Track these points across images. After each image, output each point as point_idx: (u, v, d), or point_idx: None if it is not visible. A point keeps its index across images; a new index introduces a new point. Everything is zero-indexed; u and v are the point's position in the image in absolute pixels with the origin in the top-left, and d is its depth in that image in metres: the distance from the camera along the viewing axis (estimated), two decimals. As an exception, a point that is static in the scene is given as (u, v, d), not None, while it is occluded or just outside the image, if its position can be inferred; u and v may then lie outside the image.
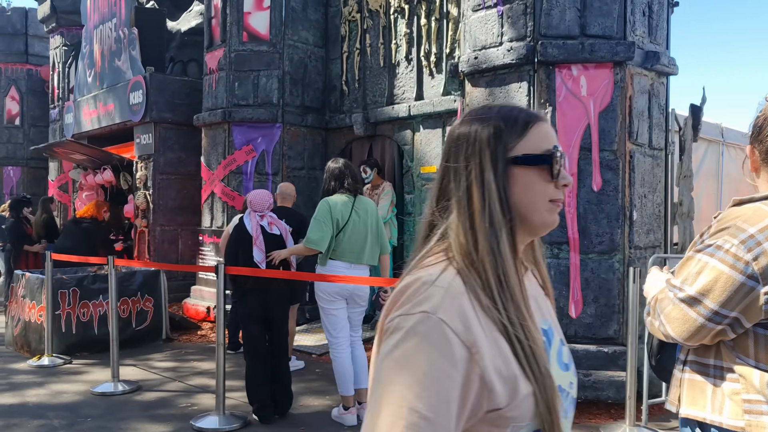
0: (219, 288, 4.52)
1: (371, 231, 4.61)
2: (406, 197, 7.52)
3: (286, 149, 8.20)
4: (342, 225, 4.49)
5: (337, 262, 4.56)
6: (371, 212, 4.65)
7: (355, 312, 4.75)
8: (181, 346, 7.30)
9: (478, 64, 5.17)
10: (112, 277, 5.49)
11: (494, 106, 1.16)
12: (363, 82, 8.11)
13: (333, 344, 4.61)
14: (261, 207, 4.88)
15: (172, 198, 9.36)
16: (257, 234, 4.78)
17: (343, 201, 4.54)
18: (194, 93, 9.45)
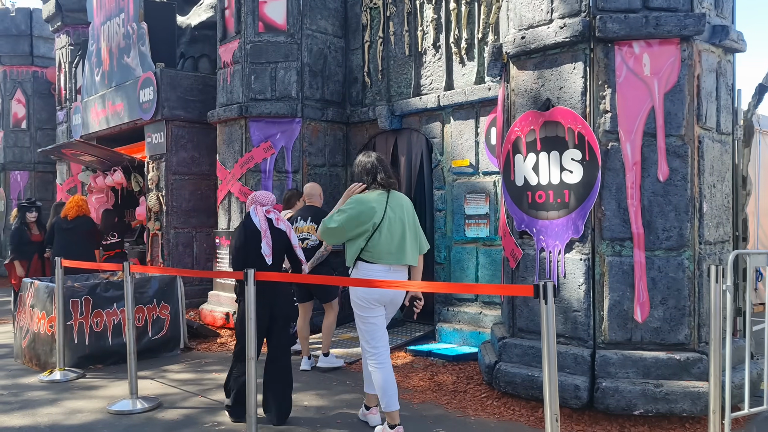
0: (249, 296, 4.07)
1: (409, 228, 4.21)
2: (436, 193, 7.06)
3: (306, 145, 7.75)
4: (378, 224, 4.09)
5: (374, 266, 4.15)
6: (407, 207, 4.27)
7: (387, 319, 4.37)
8: (199, 355, 6.86)
9: (526, 45, 4.70)
10: (129, 285, 5.06)
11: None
12: (387, 73, 7.66)
13: (372, 355, 4.19)
14: (266, 200, 4.74)
15: (186, 199, 8.93)
16: (266, 227, 4.61)
17: (375, 197, 4.17)
18: (207, 89, 9.03)
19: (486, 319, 6.44)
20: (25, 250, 8.44)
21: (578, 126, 4.46)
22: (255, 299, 4.08)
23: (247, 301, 4.09)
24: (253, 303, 4.09)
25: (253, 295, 4.07)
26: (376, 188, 4.24)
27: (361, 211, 4.09)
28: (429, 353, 6.23)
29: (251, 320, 4.04)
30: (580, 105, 4.46)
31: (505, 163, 4.96)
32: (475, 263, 6.64)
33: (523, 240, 4.84)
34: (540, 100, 4.70)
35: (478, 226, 6.60)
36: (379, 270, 4.13)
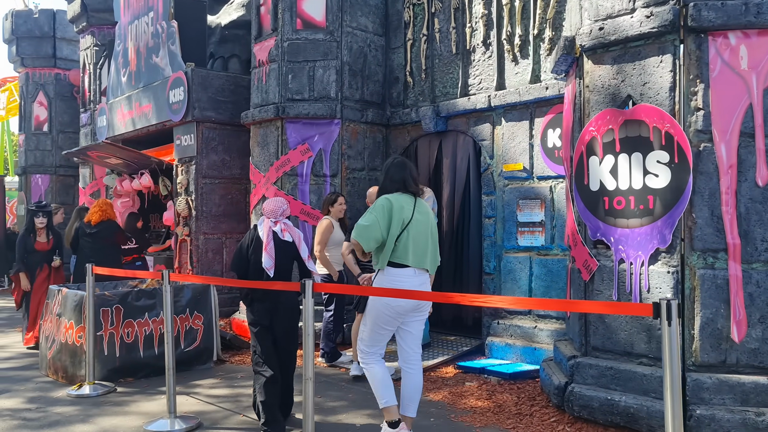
0: (307, 309, 3.69)
1: (432, 236, 4.17)
2: (484, 199, 6.66)
3: (345, 148, 7.38)
4: (406, 223, 4.02)
5: (400, 270, 4.01)
6: (431, 217, 4.23)
7: (417, 321, 4.17)
8: (234, 369, 6.49)
9: (604, 37, 4.30)
10: (168, 295, 4.69)
11: None
12: (431, 72, 7.28)
13: (368, 355, 4.17)
14: (273, 214, 4.64)
15: (216, 204, 8.58)
16: (268, 239, 4.52)
17: (405, 198, 4.11)
18: (239, 90, 8.70)
19: (541, 334, 6.02)
20: (28, 261, 7.71)
21: (665, 125, 4.05)
22: (313, 313, 3.70)
23: (306, 314, 3.71)
24: (311, 317, 3.71)
25: (312, 309, 3.68)
26: (405, 193, 4.14)
27: (392, 207, 4.02)
28: (482, 370, 5.82)
29: (308, 336, 3.65)
30: (667, 102, 4.05)
31: (577, 165, 4.56)
32: (528, 274, 6.23)
33: (598, 250, 4.43)
34: (619, 97, 4.29)
35: (532, 234, 6.19)
36: (405, 274, 4.00)
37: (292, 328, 4.68)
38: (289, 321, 4.64)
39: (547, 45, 6.10)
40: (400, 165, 4.22)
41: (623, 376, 4.17)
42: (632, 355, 4.23)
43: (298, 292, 3.97)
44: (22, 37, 14.98)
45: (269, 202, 4.75)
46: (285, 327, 4.61)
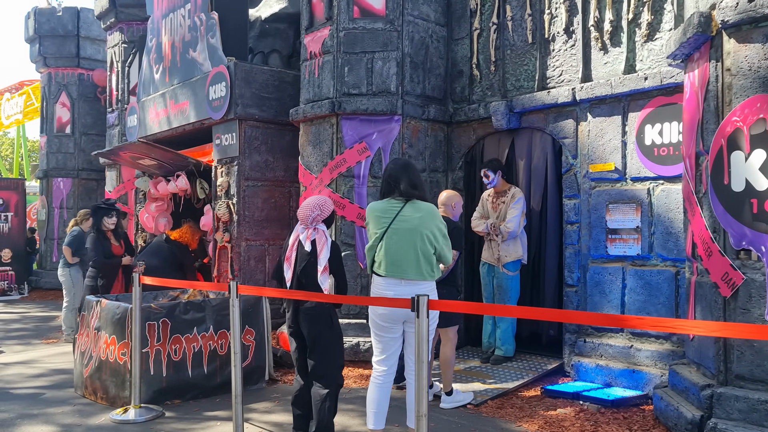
0: (421, 331, 3.05)
1: (421, 242, 3.98)
2: (566, 203, 6.01)
3: (406, 147, 6.75)
4: (382, 233, 4.02)
5: (382, 279, 4.04)
6: (422, 223, 4.00)
7: (412, 333, 4.03)
8: (288, 390, 5.83)
9: (756, 10, 3.66)
10: (236, 310, 4.06)
11: None
12: (501, 65, 6.65)
13: (378, 372, 4.12)
14: (304, 220, 4.24)
15: (259, 208, 7.98)
16: (291, 249, 4.25)
17: (384, 207, 4.10)
18: (283, 86, 8.11)
19: (640, 355, 5.35)
20: (110, 267, 7.27)
21: (839, 113, 3.39)
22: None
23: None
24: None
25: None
26: (395, 197, 4.09)
27: (369, 221, 4.15)
28: (576, 395, 5.15)
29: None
30: (841, 85, 3.40)
31: (714, 162, 3.91)
32: (620, 286, 5.56)
33: (743, 261, 3.77)
34: (773, 80, 3.64)
35: (626, 242, 5.54)
36: (386, 285, 4.00)
37: (321, 339, 4.19)
38: (311, 328, 4.18)
39: (645, 31, 5.46)
40: (397, 168, 4.15)
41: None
42: (791, 387, 3.57)
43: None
44: (45, 36, 14.50)
45: (303, 204, 4.31)
46: (314, 336, 4.18)
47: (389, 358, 4.12)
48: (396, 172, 4.12)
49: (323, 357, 4.18)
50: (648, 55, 5.47)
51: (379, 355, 4.13)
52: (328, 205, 4.24)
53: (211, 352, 5.68)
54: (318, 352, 4.17)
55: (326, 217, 4.24)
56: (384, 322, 4.04)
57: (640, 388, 5.20)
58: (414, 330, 3.86)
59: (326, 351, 4.18)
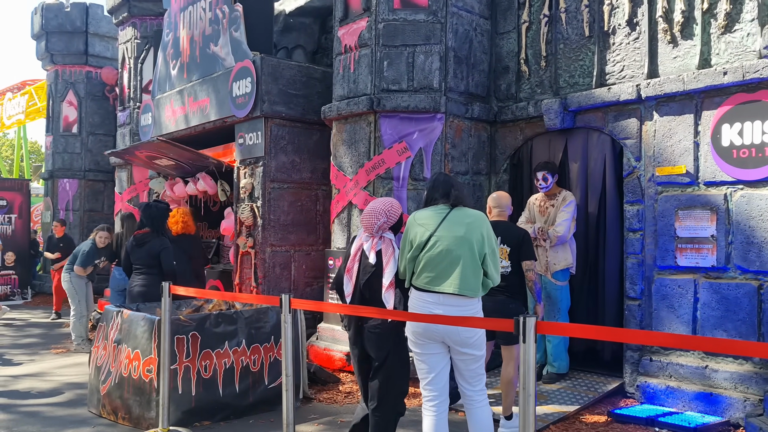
0: (529, 355, 2.58)
1: (469, 253, 3.49)
2: (628, 209, 5.54)
3: (449, 148, 6.29)
4: (424, 242, 3.55)
5: (423, 294, 3.55)
6: (475, 228, 3.54)
7: (462, 360, 3.59)
8: (327, 410, 5.37)
9: None
10: (288, 327, 3.58)
11: None
12: (553, 60, 6.19)
13: (426, 399, 3.66)
14: (369, 227, 3.77)
15: (285, 211, 7.50)
16: (353, 260, 3.81)
17: (428, 214, 3.66)
18: (311, 82, 7.65)
19: (716, 376, 4.87)
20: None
21: None
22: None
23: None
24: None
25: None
26: (439, 203, 3.69)
27: (409, 228, 3.68)
28: (650, 421, 4.67)
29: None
30: None
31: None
32: (692, 300, 5.10)
33: None
34: None
35: (698, 252, 5.07)
36: (422, 298, 3.54)
37: (386, 360, 3.74)
38: (380, 349, 3.72)
39: (722, 21, 5.00)
40: (444, 177, 3.79)
41: None
42: None
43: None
44: (53, 32, 14.05)
45: (368, 209, 3.82)
46: (379, 357, 3.74)
47: (438, 378, 3.62)
48: (442, 180, 3.77)
49: (386, 381, 3.71)
50: (725, 48, 5.02)
51: (426, 376, 3.63)
52: (396, 209, 3.78)
53: (243, 369, 5.21)
54: (381, 375, 3.71)
55: (394, 224, 3.78)
56: (419, 339, 3.57)
57: (719, 414, 4.73)
58: (463, 355, 3.50)
59: (390, 374, 3.71)
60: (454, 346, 3.51)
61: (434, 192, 3.69)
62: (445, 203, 3.64)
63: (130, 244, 6.25)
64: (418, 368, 3.65)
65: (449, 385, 5.11)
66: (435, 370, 3.58)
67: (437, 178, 3.76)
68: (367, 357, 3.83)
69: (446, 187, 3.65)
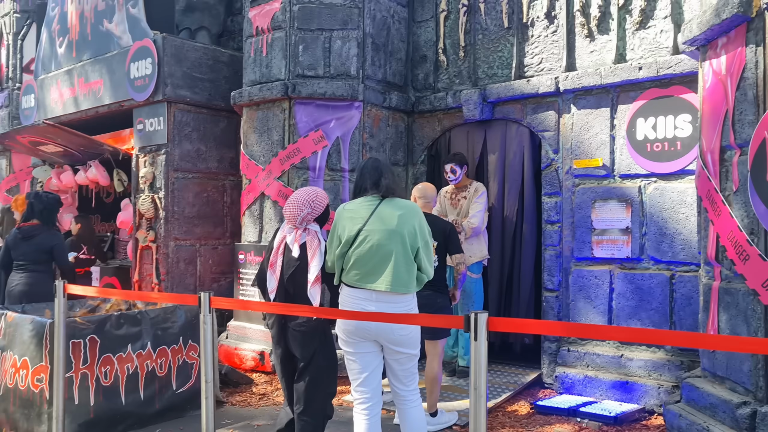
0: (479, 355, 2.43)
1: (401, 245, 3.27)
2: (546, 201, 5.58)
3: (366, 137, 6.10)
4: (353, 237, 3.31)
5: (349, 289, 3.35)
6: (407, 219, 3.32)
7: (396, 359, 3.39)
8: (241, 414, 5.04)
9: (810, -11, 3.32)
10: (209, 327, 3.25)
11: None
12: (472, 50, 6.14)
13: (357, 401, 3.41)
14: (292, 219, 3.54)
15: (190, 203, 7.03)
16: (276, 254, 3.55)
17: (357, 206, 3.40)
18: (218, 66, 7.22)
19: (632, 364, 4.99)
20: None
21: None
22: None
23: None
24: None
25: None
26: (372, 194, 3.42)
27: (335, 226, 3.42)
28: (573, 412, 4.70)
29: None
30: None
31: (755, 157, 3.55)
32: (607, 291, 5.20)
33: (789, 266, 3.43)
34: (826, 68, 3.32)
35: (614, 244, 5.17)
36: (354, 296, 3.31)
37: (310, 358, 3.53)
38: (305, 348, 3.51)
39: (637, 18, 5.11)
40: (374, 163, 3.51)
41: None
42: None
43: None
44: None
45: (290, 199, 3.59)
46: (305, 356, 3.52)
47: (371, 379, 3.39)
48: (372, 168, 3.49)
49: (313, 382, 3.47)
50: (640, 44, 5.13)
51: (358, 377, 3.39)
52: (321, 199, 3.53)
53: (149, 374, 4.78)
54: (307, 376, 3.46)
55: (319, 215, 3.53)
56: (350, 338, 3.34)
57: (635, 401, 4.84)
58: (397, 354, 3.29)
59: (317, 375, 3.47)
60: (387, 345, 3.31)
61: (363, 181, 3.43)
62: (375, 194, 3.38)
63: (13, 238, 5.60)
64: (350, 368, 3.41)
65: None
66: (368, 369, 3.36)
67: (366, 165, 3.49)
68: (292, 357, 3.57)
69: (375, 176, 3.39)
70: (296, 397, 3.50)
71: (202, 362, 3.25)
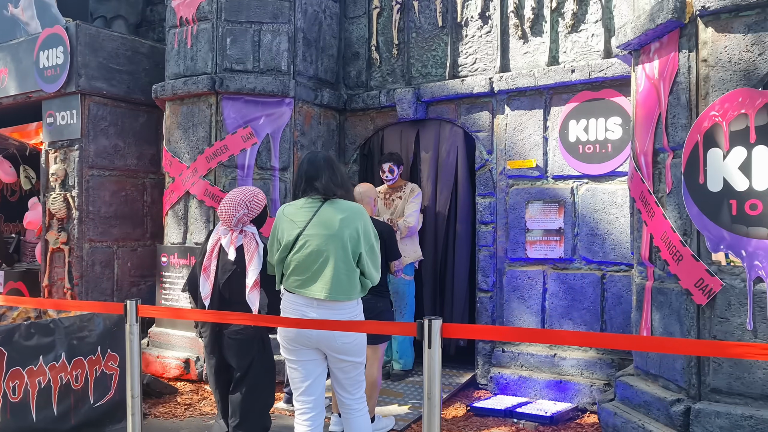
0: (433, 364, 2.33)
1: (341, 250, 3.12)
2: (480, 201, 5.58)
3: (298, 135, 5.90)
4: (292, 242, 3.13)
5: (289, 295, 3.18)
6: (351, 222, 3.17)
7: (340, 368, 3.24)
8: (166, 426, 4.75)
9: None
10: (135, 338, 2.99)
11: None
12: (406, 48, 6.06)
13: (300, 411, 3.24)
14: (227, 220, 3.32)
15: (107, 202, 6.61)
16: (210, 258, 3.38)
17: (297, 209, 3.21)
18: (137, 57, 6.83)
19: (564, 363, 5.05)
20: None
21: (828, 111, 3.24)
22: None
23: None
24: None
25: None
26: (312, 195, 3.22)
27: (275, 229, 3.22)
28: (509, 413, 4.70)
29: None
30: (830, 82, 3.26)
31: (688, 160, 3.63)
32: (541, 291, 5.24)
33: (720, 267, 3.52)
34: (755, 74, 3.43)
35: (547, 244, 5.22)
36: (297, 303, 3.13)
37: (247, 368, 3.39)
38: (241, 358, 3.36)
39: (570, 21, 5.17)
40: (317, 160, 3.30)
41: (770, 427, 3.29)
42: (773, 399, 3.37)
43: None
44: None
45: (226, 199, 3.43)
46: (241, 367, 3.38)
47: (313, 388, 3.23)
48: (314, 165, 3.27)
49: (250, 393, 3.28)
50: (572, 47, 5.20)
51: (300, 386, 3.22)
52: (258, 199, 3.34)
53: (63, 387, 4.41)
54: (244, 387, 3.26)
55: (256, 216, 3.33)
56: (291, 345, 3.17)
57: (569, 400, 4.90)
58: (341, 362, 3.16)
59: (254, 385, 3.28)
60: (330, 353, 3.15)
61: (300, 180, 3.24)
62: (315, 194, 3.20)
63: None
64: (291, 377, 3.23)
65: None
66: (310, 377, 3.19)
67: (303, 162, 3.28)
68: (227, 367, 3.36)
69: (316, 174, 3.18)
70: (232, 409, 3.30)
71: (128, 375, 3.00)
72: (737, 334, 3.47)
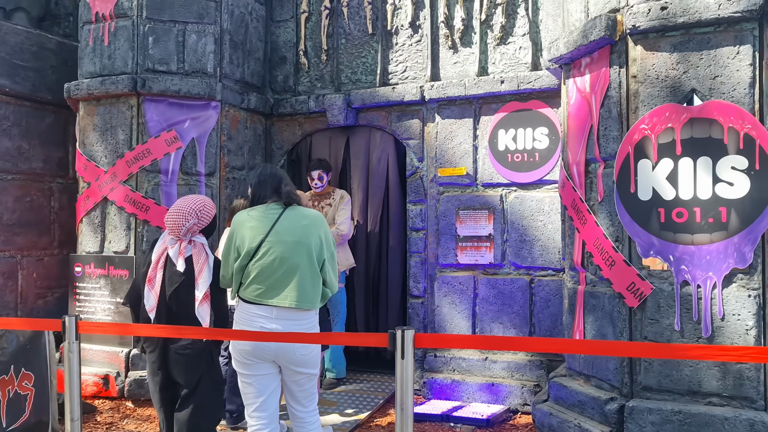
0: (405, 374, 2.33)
1: (306, 257, 3.09)
2: (411, 208, 5.63)
3: (224, 140, 5.73)
4: (254, 249, 3.07)
5: (247, 306, 3.10)
6: (313, 231, 3.16)
7: (295, 381, 3.20)
8: (87, 449, 4.46)
9: (668, 18, 3.65)
10: (75, 356, 2.78)
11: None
12: (335, 54, 6.02)
13: (252, 428, 3.18)
14: (175, 229, 3.17)
15: (9, 209, 6.12)
16: (155, 269, 3.21)
17: (259, 214, 3.15)
18: (44, 53, 6.39)
19: (495, 366, 5.18)
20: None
21: (746, 126, 3.52)
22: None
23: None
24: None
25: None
26: (274, 201, 3.20)
27: (232, 237, 3.14)
28: (444, 417, 4.76)
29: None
30: (747, 100, 3.54)
31: (620, 170, 3.83)
32: (472, 296, 5.35)
33: (651, 271, 3.74)
34: (680, 91, 3.68)
35: (478, 250, 5.34)
36: (258, 314, 3.05)
37: (195, 384, 3.25)
38: (189, 374, 3.23)
39: (498, 33, 5.33)
40: (273, 171, 3.33)
41: (697, 421, 3.52)
42: (698, 395, 3.61)
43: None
44: None
45: (174, 207, 3.29)
46: (189, 383, 3.23)
47: (268, 403, 3.15)
48: (271, 174, 3.29)
49: (197, 411, 3.13)
50: (501, 58, 5.36)
51: (254, 401, 3.14)
52: (209, 209, 3.20)
53: (-28, 412, 4.03)
54: (191, 404, 3.11)
55: (206, 226, 3.19)
56: (247, 359, 3.08)
57: (501, 402, 5.03)
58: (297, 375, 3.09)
59: (202, 403, 3.14)
60: (287, 365, 3.07)
61: (262, 188, 3.17)
62: (277, 201, 3.15)
63: None
64: (245, 392, 3.12)
65: (236, 402, 4.62)
66: (265, 393, 3.10)
67: (263, 172, 3.24)
68: (173, 384, 3.20)
69: (275, 183, 3.17)
70: (177, 427, 3.14)
71: (66, 398, 2.78)
72: (666, 335, 3.69)
